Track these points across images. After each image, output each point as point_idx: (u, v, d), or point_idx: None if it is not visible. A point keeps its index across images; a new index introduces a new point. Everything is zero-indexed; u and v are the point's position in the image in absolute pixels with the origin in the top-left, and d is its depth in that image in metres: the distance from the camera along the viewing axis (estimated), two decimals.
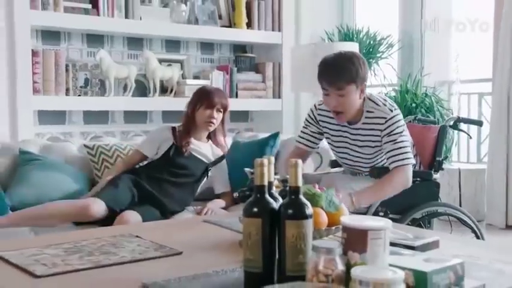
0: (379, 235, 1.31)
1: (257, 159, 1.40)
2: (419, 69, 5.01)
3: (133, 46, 4.39)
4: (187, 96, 4.30)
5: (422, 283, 1.25)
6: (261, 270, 1.37)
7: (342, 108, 2.68)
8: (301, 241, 1.35)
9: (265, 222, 1.37)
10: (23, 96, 3.69)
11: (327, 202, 1.78)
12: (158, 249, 1.78)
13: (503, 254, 1.73)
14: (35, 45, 3.90)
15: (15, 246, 1.80)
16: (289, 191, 1.38)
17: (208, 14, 4.50)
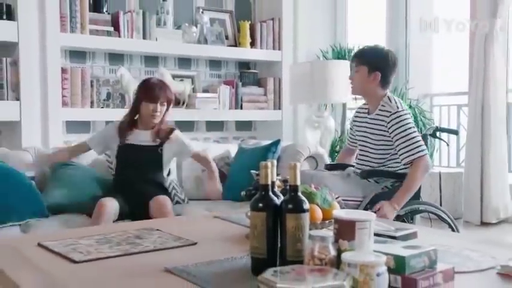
0: (364, 225, 1.39)
1: (262, 162, 1.46)
2: (404, 83, 4.96)
3: (150, 64, 4.40)
4: (198, 108, 4.38)
5: (401, 266, 1.30)
6: (265, 256, 1.42)
7: (351, 79, 2.93)
8: (299, 231, 1.40)
9: (269, 215, 1.43)
10: (53, 109, 3.72)
11: (321, 199, 1.83)
12: (176, 240, 1.84)
13: (472, 244, 1.80)
14: (64, 64, 3.92)
15: (54, 238, 1.86)
16: (289, 189, 1.43)
17: (216, 35, 4.53)
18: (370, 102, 2.96)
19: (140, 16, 4.11)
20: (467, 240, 2.06)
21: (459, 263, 1.49)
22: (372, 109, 2.93)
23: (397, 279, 1.30)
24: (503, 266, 1.43)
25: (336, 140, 4.81)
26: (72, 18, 3.80)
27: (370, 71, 2.85)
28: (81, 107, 3.91)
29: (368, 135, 2.92)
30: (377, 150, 2.90)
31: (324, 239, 1.34)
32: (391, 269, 1.30)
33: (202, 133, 4.64)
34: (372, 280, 1.21)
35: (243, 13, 4.87)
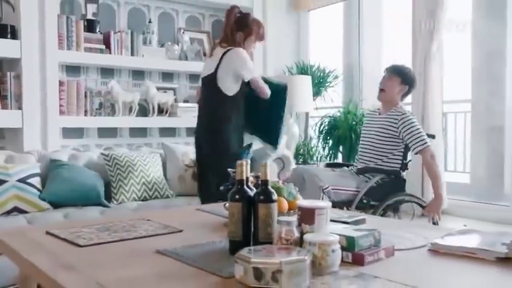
0: (322, 212, 1.48)
1: (238, 161, 1.52)
2: (358, 95, 5.02)
3: (137, 77, 4.39)
4: (179, 116, 4.37)
5: (352, 244, 1.41)
6: (241, 238, 1.48)
7: (385, 87, 3.14)
8: (269, 218, 1.46)
9: (244, 205, 1.48)
10: (51, 117, 3.71)
11: (287, 193, 1.87)
12: (165, 228, 1.88)
13: (410, 228, 1.90)
14: (61, 77, 3.91)
15: (60, 227, 1.90)
16: (261, 183, 1.49)
17: (195, 52, 4.54)
18: (386, 106, 3.19)
19: (129, 35, 4.12)
20: (407, 225, 2.19)
21: (398, 242, 1.58)
22: (383, 112, 3.17)
23: (348, 255, 1.40)
24: (432, 244, 1.55)
25: (299, 144, 4.90)
26: (68, 37, 3.80)
27: (401, 83, 3.14)
28: (76, 115, 3.90)
29: (376, 131, 3.14)
30: (379, 146, 3.10)
31: (289, 224, 1.44)
32: (344, 247, 1.39)
33: (183, 138, 4.63)
34: (328, 256, 1.31)
35: (219, 33, 4.84)
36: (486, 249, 1.44)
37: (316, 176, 2.91)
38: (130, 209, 3.07)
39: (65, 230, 1.85)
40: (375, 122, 3.22)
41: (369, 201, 3.01)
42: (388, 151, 3.10)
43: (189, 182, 3.50)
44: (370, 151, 3.16)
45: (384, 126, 3.11)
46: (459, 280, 1.30)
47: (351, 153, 4.69)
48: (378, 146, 3.13)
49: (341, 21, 5.39)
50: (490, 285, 1.26)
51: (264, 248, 1.34)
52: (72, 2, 4.11)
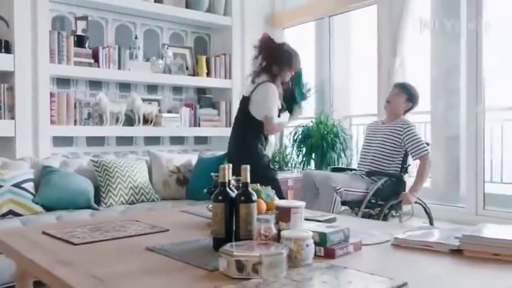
0: (297, 211, 1.55)
1: (221, 165, 1.57)
2: (329, 106, 5.08)
3: (124, 89, 4.39)
4: (164, 125, 4.37)
5: (324, 240, 1.47)
6: (224, 236, 1.52)
7: (392, 100, 3.34)
8: (249, 216, 1.51)
9: (227, 205, 1.53)
10: (42, 126, 3.69)
11: (265, 195, 1.92)
12: (152, 228, 1.92)
13: (376, 225, 1.99)
14: (52, 89, 3.89)
15: (54, 228, 1.93)
16: (242, 185, 1.54)
17: (178, 66, 4.55)
18: (390, 117, 3.38)
19: (116, 50, 4.13)
20: (373, 223, 2.27)
21: (365, 238, 1.66)
22: (387, 122, 3.36)
23: (321, 250, 1.47)
24: (395, 239, 1.63)
25: (275, 151, 4.96)
26: (59, 52, 3.80)
27: (407, 100, 3.35)
28: (66, 125, 3.88)
29: (381, 138, 3.29)
30: (383, 152, 3.26)
31: (268, 221, 1.50)
32: (317, 242, 1.45)
33: (167, 146, 4.64)
34: (302, 250, 1.37)
35: (200, 49, 4.94)
36: (441, 243, 1.53)
37: (329, 178, 3.09)
38: (119, 211, 3.08)
39: (59, 230, 1.88)
40: (379, 130, 3.39)
41: (377, 201, 3.19)
42: (390, 156, 3.28)
43: (173, 187, 3.53)
44: (374, 156, 3.33)
45: (389, 134, 3.30)
46: (418, 269, 1.38)
47: (323, 160, 4.77)
48: (382, 151, 3.31)
49: (313, 38, 5.49)
50: (444, 273, 1.34)
51: (245, 243, 1.40)
52: (63, 19, 4.12)
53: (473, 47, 3.87)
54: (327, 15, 5.13)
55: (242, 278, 1.25)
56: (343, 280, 1.25)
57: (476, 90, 3.84)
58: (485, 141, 3.90)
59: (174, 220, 2.17)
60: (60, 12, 4.11)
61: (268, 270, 1.26)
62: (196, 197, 3.30)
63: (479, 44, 3.84)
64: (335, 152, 4.74)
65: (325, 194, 3.08)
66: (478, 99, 3.83)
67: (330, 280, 1.25)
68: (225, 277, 1.27)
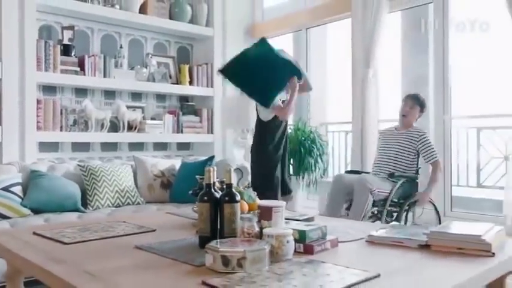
0: (278, 210, 1.60)
1: (206, 167, 1.61)
2: (306, 114, 5.13)
3: (109, 97, 4.38)
4: (147, 132, 4.37)
5: (303, 237, 1.53)
6: (209, 234, 1.56)
7: (407, 114, 3.53)
8: (233, 216, 1.55)
9: (212, 205, 1.57)
10: (29, 132, 3.66)
11: (247, 196, 1.93)
12: (140, 228, 1.94)
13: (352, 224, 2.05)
14: (39, 96, 3.86)
15: (44, 229, 1.94)
16: (226, 187, 1.59)
17: (162, 75, 4.56)
18: (404, 127, 3.56)
19: (102, 59, 4.13)
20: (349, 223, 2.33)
21: (342, 235, 1.72)
22: (401, 129, 3.58)
23: (300, 246, 1.52)
24: (369, 236, 1.70)
25: None
26: (46, 60, 3.78)
27: (420, 111, 3.59)
28: (52, 131, 3.86)
29: (398, 144, 3.50)
30: (399, 156, 3.46)
31: (251, 220, 1.55)
32: (296, 239, 1.50)
33: (150, 152, 4.64)
34: (283, 246, 1.42)
35: (183, 58, 4.96)
36: (411, 239, 1.60)
37: (366, 180, 3.25)
38: (105, 213, 3.08)
39: (49, 230, 1.89)
40: (395, 137, 3.59)
41: (399, 200, 3.39)
42: (408, 160, 3.50)
43: (157, 191, 3.54)
44: (395, 159, 3.52)
45: (407, 141, 3.52)
46: (390, 262, 1.45)
47: (301, 165, 4.83)
48: (402, 155, 3.51)
49: (291, 49, 5.58)
50: (413, 266, 1.41)
51: (229, 240, 1.45)
52: (50, 28, 4.11)
53: (440, 59, 4.00)
54: (304, 27, 5.23)
55: (227, 272, 1.29)
56: (321, 273, 1.31)
57: (444, 100, 3.97)
58: (452, 147, 4.03)
59: (160, 221, 2.19)
60: (47, 21, 4.10)
61: (251, 264, 1.31)
62: (180, 200, 3.32)
63: (445, 56, 3.98)
64: (312, 158, 4.81)
65: (360, 196, 3.21)
66: (445, 107, 3.96)
67: (309, 273, 1.30)
68: (211, 272, 1.31)
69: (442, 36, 4.00)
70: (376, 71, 4.25)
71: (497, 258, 1.45)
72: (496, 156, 4.06)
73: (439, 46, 4.02)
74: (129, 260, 1.47)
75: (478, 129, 4.20)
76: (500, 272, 1.49)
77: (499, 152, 4.05)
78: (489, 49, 4.08)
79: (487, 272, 1.38)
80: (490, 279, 1.42)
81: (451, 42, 3.99)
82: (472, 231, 1.55)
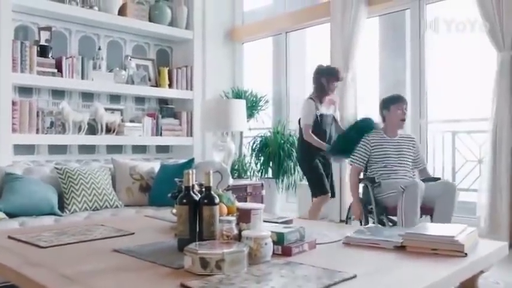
0: (257, 213, 1.62)
1: (185, 170, 1.62)
2: (285, 117, 5.18)
3: (87, 99, 4.34)
4: (126, 134, 4.37)
5: (281, 239, 1.54)
6: (188, 236, 1.55)
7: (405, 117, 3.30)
8: (212, 218, 1.56)
9: (191, 207, 1.57)
10: (4, 134, 3.61)
11: (226, 199, 1.93)
12: (118, 231, 1.93)
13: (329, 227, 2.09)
14: (14, 98, 3.81)
15: (20, 232, 1.91)
16: (205, 189, 1.59)
17: (141, 77, 4.55)
18: (395, 131, 3.32)
19: (80, 61, 4.09)
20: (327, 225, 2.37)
21: (319, 238, 1.75)
22: (392, 135, 3.32)
23: (278, 248, 1.53)
24: (346, 238, 1.73)
25: (235, 160, 5.01)
26: (22, 61, 3.73)
27: None
28: (28, 133, 3.81)
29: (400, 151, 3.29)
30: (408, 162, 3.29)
31: (229, 222, 1.56)
32: (275, 241, 1.51)
33: (129, 155, 4.61)
34: (262, 248, 1.44)
35: (162, 61, 4.95)
36: (386, 240, 1.64)
37: (418, 187, 2.98)
38: (82, 217, 3.03)
39: (25, 234, 1.86)
40: (390, 142, 3.30)
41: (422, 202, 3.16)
42: (410, 166, 3.31)
43: (136, 194, 3.51)
44: (405, 166, 3.28)
45: (408, 147, 3.32)
46: (366, 263, 1.48)
47: (280, 168, 4.87)
48: (408, 162, 3.29)
49: (271, 53, 5.63)
50: (389, 267, 1.45)
51: (208, 243, 1.46)
52: (27, 28, 4.06)
53: (417, 64, 4.09)
54: (283, 31, 5.27)
55: (206, 275, 1.29)
56: (299, 274, 1.32)
57: (420, 104, 4.05)
58: (428, 151, 4.11)
59: (139, 224, 2.18)
60: (24, 22, 4.04)
61: (230, 266, 1.32)
62: (159, 203, 3.30)
63: (422, 62, 4.07)
64: (291, 161, 4.86)
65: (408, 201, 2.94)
66: (422, 112, 4.04)
67: (287, 274, 1.32)
68: (190, 274, 1.31)
69: (418, 41, 4.09)
70: (354, 76, 4.32)
71: (469, 259, 1.49)
72: (471, 159, 4.15)
73: (415, 51, 4.11)
74: (107, 263, 1.47)
75: (453, 133, 4.30)
76: (472, 272, 1.53)
77: (473, 155, 4.15)
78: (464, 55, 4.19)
79: (459, 272, 1.42)
80: (462, 279, 1.46)
81: (427, 48, 4.08)
82: (445, 232, 1.59)
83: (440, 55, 4.23)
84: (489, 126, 3.56)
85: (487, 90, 3.59)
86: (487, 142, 3.61)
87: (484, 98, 3.70)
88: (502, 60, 3.46)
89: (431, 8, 4.10)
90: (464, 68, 4.21)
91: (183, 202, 1.60)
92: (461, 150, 4.24)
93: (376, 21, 4.78)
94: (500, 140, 3.48)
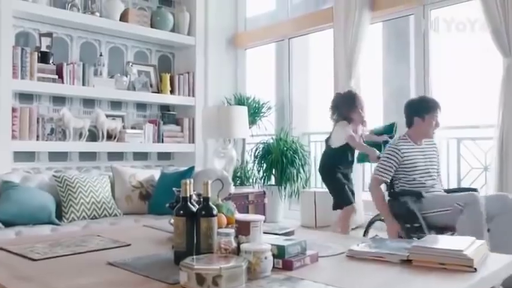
0: (256, 225, 1.55)
1: (183, 180, 1.57)
2: (288, 124, 5.10)
3: (88, 105, 4.29)
4: (127, 141, 4.33)
5: (282, 252, 1.47)
6: (185, 249, 1.50)
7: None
8: (210, 230, 1.50)
9: (188, 219, 1.51)
10: (4, 141, 3.57)
11: (226, 209, 1.87)
12: (114, 242, 1.87)
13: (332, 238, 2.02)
14: (14, 104, 3.77)
15: (13, 243, 1.85)
16: (202, 200, 1.54)
17: (143, 83, 4.51)
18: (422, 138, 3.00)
19: (81, 67, 4.05)
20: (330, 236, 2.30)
21: (322, 250, 1.68)
22: (419, 142, 2.99)
23: (279, 262, 1.46)
24: (350, 250, 1.66)
25: (237, 167, 4.95)
26: (22, 68, 3.69)
27: None
28: (28, 140, 3.76)
29: (430, 159, 2.98)
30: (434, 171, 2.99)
31: (228, 235, 1.49)
32: (275, 255, 1.45)
33: (130, 162, 4.55)
34: (261, 262, 1.37)
35: (164, 67, 4.90)
36: (392, 253, 1.56)
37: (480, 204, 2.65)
38: (80, 226, 2.98)
39: (18, 245, 1.81)
40: (419, 150, 2.98)
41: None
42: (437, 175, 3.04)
43: (136, 202, 3.45)
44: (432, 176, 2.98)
45: (434, 155, 3.04)
46: (371, 279, 1.41)
47: (283, 175, 4.81)
48: (435, 171, 3.01)
49: (273, 59, 5.58)
50: (394, 282, 1.38)
51: (205, 257, 1.39)
52: (28, 35, 4.02)
53: (421, 70, 4.02)
54: (286, 37, 5.22)
55: None
56: None
57: None
58: None
59: (136, 234, 2.13)
60: (25, 28, 4.01)
61: (228, 282, 1.26)
62: (159, 212, 3.24)
63: (426, 67, 4.00)
64: (294, 168, 4.80)
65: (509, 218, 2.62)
66: None
67: None
68: None
69: (423, 47, 4.03)
70: (358, 82, 4.26)
71: (479, 274, 1.42)
72: (476, 166, 4.07)
73: (420, 57, 4.04)
74: (100, 277, 1.41)
75: (458, 140, 4.22)
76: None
77: (478, 162, 4.07)
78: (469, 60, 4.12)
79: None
80: None
81: (432, 53, 4.02)
82: (453, 246, 1.52)
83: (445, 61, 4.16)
84: (495, 133, 3.49)
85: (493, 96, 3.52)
86: (493, 149, 3.53)
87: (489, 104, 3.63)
88: (508, 65, 3.39)
89: (436, 13, 4.04)
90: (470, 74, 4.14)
91: (180, 213, 1.54)
92: (466, 157, 4.17)
93: (379, 27, 4.73)
94: (506, 147, 3.40)
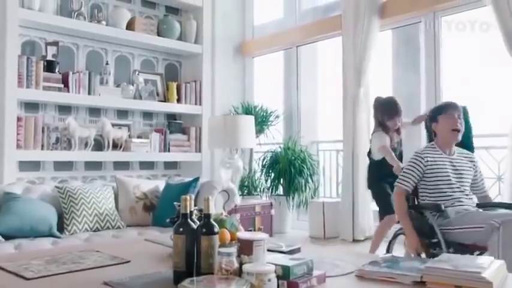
0: (260, 244, 1.46)
1: (182, 196, 1.47)
2: (296, 133, 5.07)
3: (94, 114, 4.26)
4: (133, 150, 4.29)
5: (287, 273, 1.37)
6: (184, 269, 1.42)
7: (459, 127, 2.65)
8: (211, 249, 1.42)
9: (188, 237, 1.43)
10: (8, 151, 3.54)
11: (229, 224, 1.78)
12: (113, 259, 1.79)
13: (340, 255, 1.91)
14: (19, 113, 3.74)
15: (9, 259, 1.78)
16: (203, 217, 1.45)
17: (149, 92, 4.48)
18: (451, 147, 2.71)
19: (86, 76, 4.02)
20: (337, 252, 2.20)
21: (330, 269, 1.58)
22: (449, 152, 2.70)
23: (284, 283, 1.36)
24: (359, 270, 1.56)
25: (244, 176, 4.88)
26: (28, 77, 3.67)
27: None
28: (33, 149, 3.73)
29: (461, 171, 2.67)
30: (466, 184, 2.68)
31: (229, 255, 1.39)
32: (279, 276, 1.35)
33: (136, 171, 4.51)
34: (264, 285, 1.27)
35: (171, 75, 4.86)
36: (404, 274, 1.46)
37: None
38: (82, 239, 2.89)
39: (14, 262, 1.73)
40: (448, 160, 2.68)
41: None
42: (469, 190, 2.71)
43: (140, 213, 3.36)
44: (462, 190, 2.66)
45: (469, 167, 2.71)
46: None
47: (291, 185, 4.72)
48: (467, 185, 2.69)
49: (282, 67, 5.50)
50: None
51: (205, 279, 1.31)
52: (34, 43, 3.99)
53: (432, 77, 3.92)
54: (294, 45, 5.16)
55: None
56: None
57: None
58: None
59: (137, 250, 2.05)
60: (31, 37, 3.98)
61: None
62: (163, 224, 3.11)
63: (437, 75, 3.90)
64: (303, 178, 4.71)
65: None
66: None
67: None
68: None
69: (434, 54, 3.93)
70: (367, 90, 4.19)
71: None
72: (489, 176, 3.95)
73: (430, 64, 3.94)
74: None
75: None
76: None
77: (491, 172, 3.95)
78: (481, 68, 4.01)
79: None
80: None
81: (443, 59, 3.92)
82: (471, 266, 1.41)
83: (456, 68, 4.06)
84: (509, 142, 3.38)
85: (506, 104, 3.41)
86: (507, 158, 3.42)
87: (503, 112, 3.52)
88: None
89: (446, 20, 3.95)
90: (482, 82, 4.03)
91: (179, 231, 1.46)
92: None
93: (389, 34, 4.64)
94: None
